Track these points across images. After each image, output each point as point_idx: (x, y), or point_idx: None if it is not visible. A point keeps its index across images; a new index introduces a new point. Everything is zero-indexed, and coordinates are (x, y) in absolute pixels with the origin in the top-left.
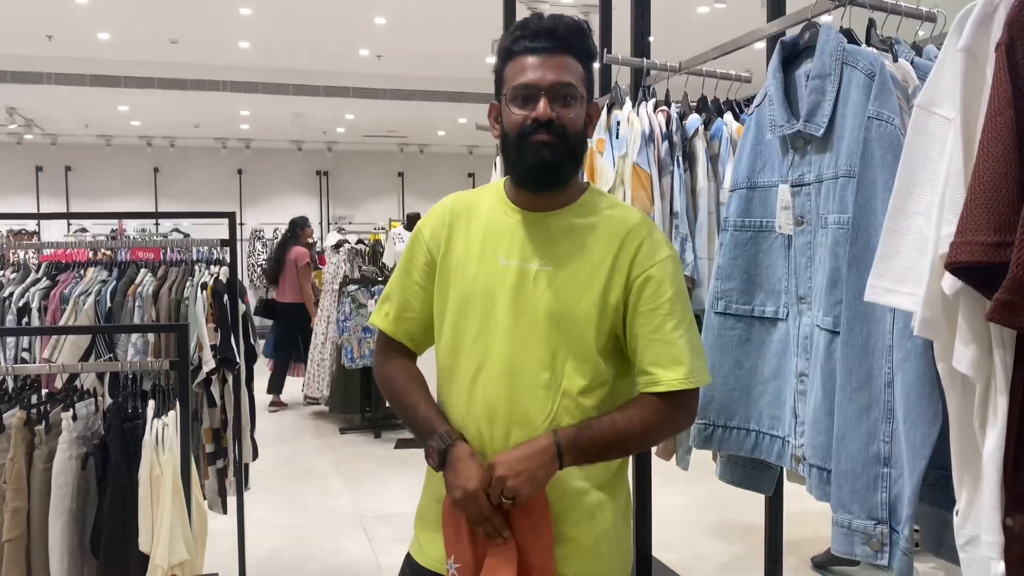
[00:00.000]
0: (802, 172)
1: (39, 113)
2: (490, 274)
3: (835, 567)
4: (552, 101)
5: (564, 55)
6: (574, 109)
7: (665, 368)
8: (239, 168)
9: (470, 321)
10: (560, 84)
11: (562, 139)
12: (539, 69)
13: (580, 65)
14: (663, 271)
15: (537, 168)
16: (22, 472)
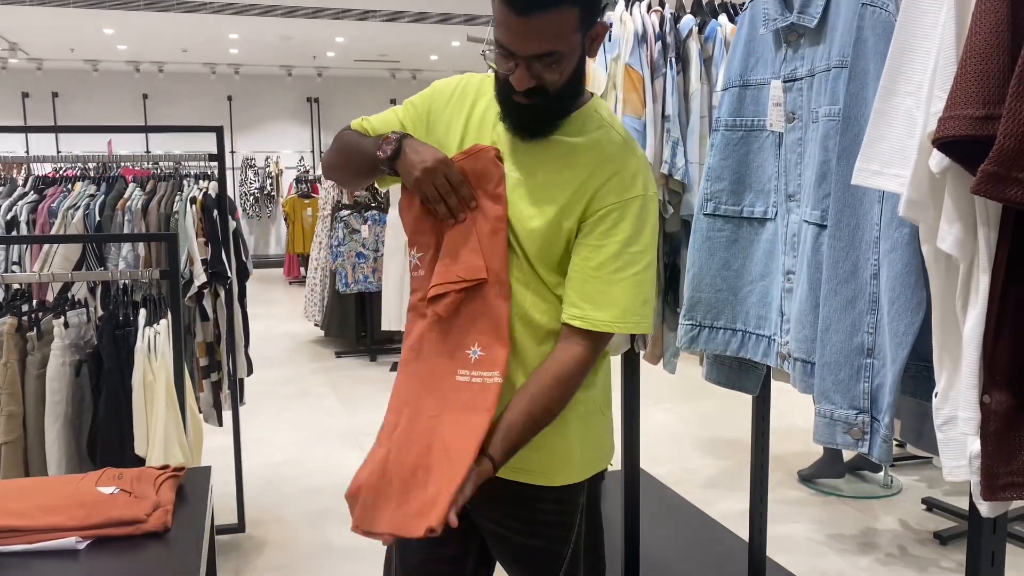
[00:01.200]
0: (795, 67)
1: (24, 36)
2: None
3: (820, 480)
4: (531, 68)
5: (547, 11)
6: (558, 70)
7: (596, 307)
8: (229, 95)
9: None
10: (537, 55)
11: (543, 99)
12: (517, 35)
13: (575, 7)
14: (626, 210)
15: (517, 128)
16: (16, 377)
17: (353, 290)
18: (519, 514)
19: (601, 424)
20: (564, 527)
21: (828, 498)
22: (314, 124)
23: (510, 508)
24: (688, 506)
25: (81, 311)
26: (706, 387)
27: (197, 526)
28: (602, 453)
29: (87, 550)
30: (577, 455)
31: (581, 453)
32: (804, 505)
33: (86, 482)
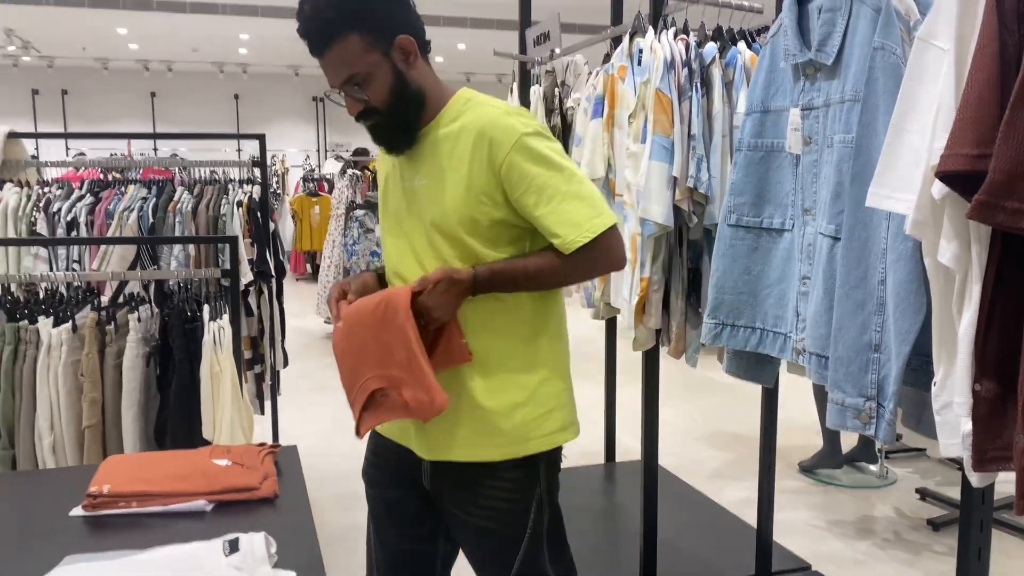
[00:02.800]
0: (812, 97)
1: (37, 34)
2: (397, 195)
3: (819, 470)
4: (350, 93)
5: (331, 46)
6: (371, 86)
7: (565, 230)
8: (236, 93)
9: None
10: (343, 82)
11: (378, 115)
12: (325, 70)
13: (353, 33)
14: (519, 152)
15: (382, 146)
16: (96, 367)
17: None
18: (472, 497)
19: (550, 399)
20: (516, 512)
21: (827, 487)
22: (320, 123)
23: (465, 492)
24: (698, 494)
25: (146, 307)
26: (708, 384)
27: (300, 493)
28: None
29: (213, 511)
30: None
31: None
32: (805, 494)
33: (201, 455)
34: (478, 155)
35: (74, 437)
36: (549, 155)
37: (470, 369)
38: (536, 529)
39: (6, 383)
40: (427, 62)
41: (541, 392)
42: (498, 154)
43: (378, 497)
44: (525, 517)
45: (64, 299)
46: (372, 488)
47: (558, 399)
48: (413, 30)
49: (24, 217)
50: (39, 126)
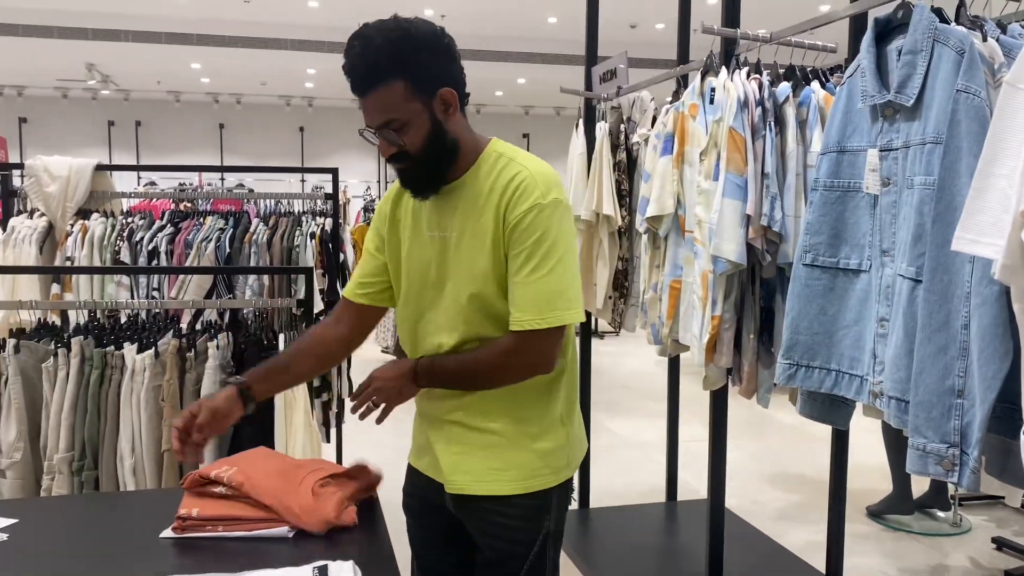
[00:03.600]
0: (890, 138)
1: (115, 69)
2: (422, 244)
3: (889, 515)
4: (385, 136)
5: (376, 89)
6: (408, 132)
7: (519, 309)
8: (301, 126)
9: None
10: (382, 125)
11: (410, 160)
12: (364, 111)
13: (398, 80)
14: (529, 217)
15: (409, 189)
16: (176, 392)
17: None
18: (485, 526)
19: (562, 436)
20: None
21: (897, 533)
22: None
23: (480, 522)
24: (762, 536)
25: (224, 335)
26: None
27: (379, 522)
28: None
29: (295, 538)
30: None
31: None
32: (874, 540)
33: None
34: (498, 212)
35: (154, 460)
36: (555, 232)
37: (485, 403)
38: (540, 559)
39: (92, 406)
40: (464, 114)
41: (555, 425)
42: (512, 211)
43: (415, 526)
44: (530, 548)
45: (144, 326)
46: (410, 518)
47: (570, 433)
48: (456, 83)
49: (109, 246)
50: (113, 156)
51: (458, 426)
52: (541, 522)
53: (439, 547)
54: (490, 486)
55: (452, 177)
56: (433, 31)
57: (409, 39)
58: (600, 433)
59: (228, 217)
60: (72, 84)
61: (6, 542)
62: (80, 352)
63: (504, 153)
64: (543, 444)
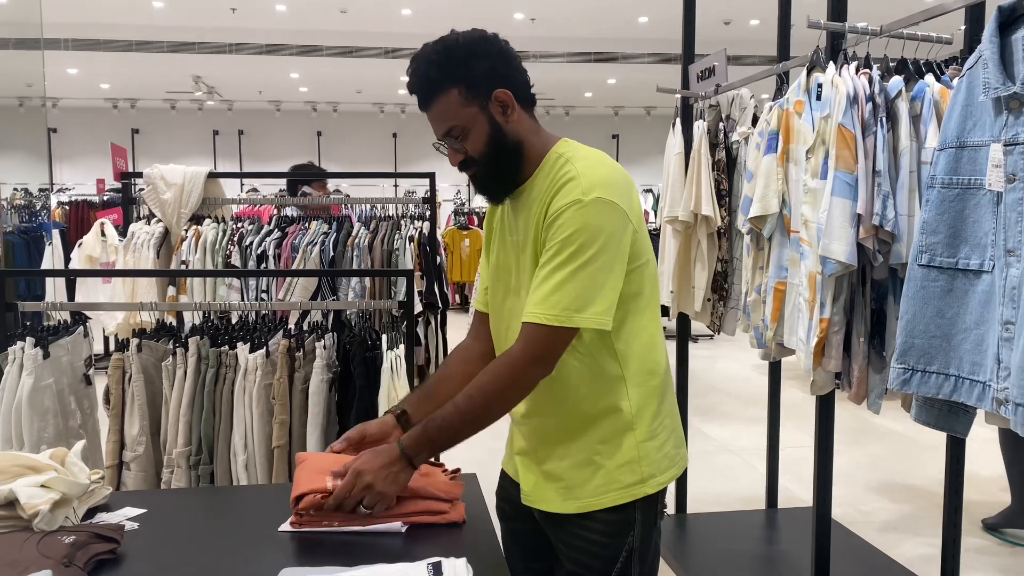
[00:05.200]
0: (1016, 132)
1: (220, 80)
2: (501, 247)
3: (1007, 529)
4: (451, 145)
5: (434, 100)
6: (469, 138)
7: (532, 301)
8: (394, 132)
9: (498, 290)
10: (445, 135)
11: (476, 165)
12: (430, 123)
13: (452, 88)
14: (565, 215)
15: (482, 195)
16: (286, 391)
17: None
18: (566, 538)
19: (634, 444)
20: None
21: (1016, 548)
22: None
23: (561, 533)
24: (870, 548)
25: (330, 335)
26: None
27: (485, 520)
28: (639, 478)
29: (407, 533)
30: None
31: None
32: (990, 554)
33: None
34: (543, 210)
35: (265, 456)
36: (591, 231)
37: (553, 421)
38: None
39: (208, 403)
40: (530, 115)
41: (625, 440)
42: (552, 205)
43: (506, 530)
44: (612, 564)
45: (254, 326)
46: (502, 521)
47: (646, 447)
48: (512, 84)
49: (220, 250)
50: (218, 163)
51: (528, 440)
52: (624, 538)
53: (527, 554)
54: (560, 504)
55: (522, 179)
56: (482, 36)
57: (456, 47)
58: (696, 438)
59: (331, 222)
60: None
61: (138, 531)
62: (197, 351)
63: (564, 153)
64: (613, 460)
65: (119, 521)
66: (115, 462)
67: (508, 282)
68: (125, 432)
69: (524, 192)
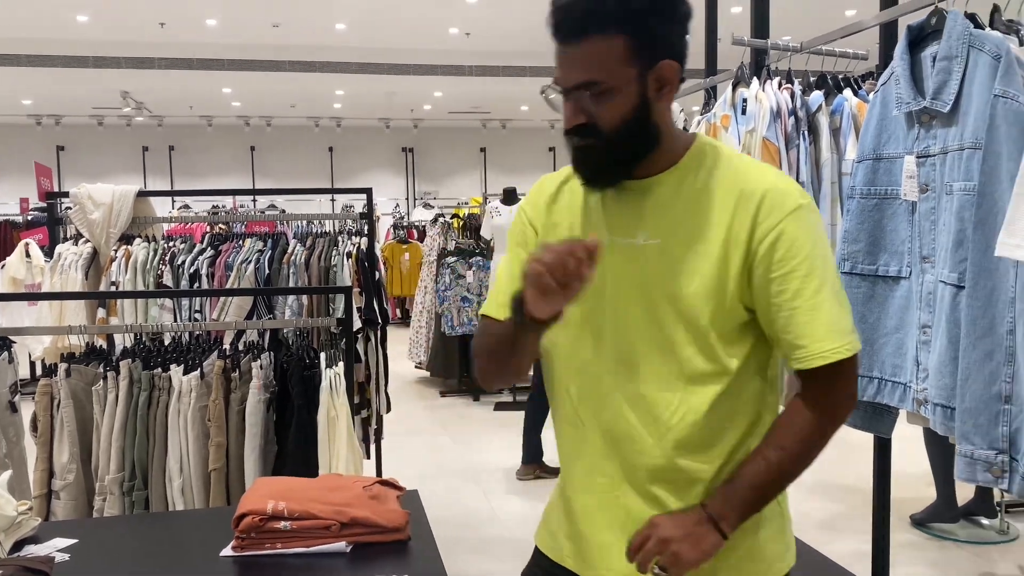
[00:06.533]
0: (927, 144)
1: (149, 96)
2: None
3: (933, 524)
4: (580, 101)
5: (589, 39)
6: (608, 102)
7: (817, 338)
8: (330, 146)
9: (584, 309)
10: (581, 85)
11: (597, 139)
12: (561, 65)
13: (620, 36)
14: (794, 224)
15: (582, 175)
16: (222, 412)
17: (458, 332)
18: None
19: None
20: None
21: (943, 543)
22: (409, 173)
23: None
24: (805, 546)
25: (267, 355)
26: None
27: (428, 537)
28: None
29: (352, 553)
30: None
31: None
32: (919, 549)
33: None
34: (739, 219)
35: (201, 479)
36: (822, 236)
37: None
38: None
39: (141, 428)
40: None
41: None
42: (765, 220)
43: None
44: None
45: (188, 347)
46: None
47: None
48: (681, 60)
49: (152, 270)
50: (148, 181)
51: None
52: None
53: None
54: None
55: (646, 172)
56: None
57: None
58: None
59: (266, 239)
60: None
61: (69, 562)
62: (128, 374)
63: (720, 148)
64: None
65: (49, 553)
66: (44, 491)
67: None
68: (54, 460)
69: (660, 186)
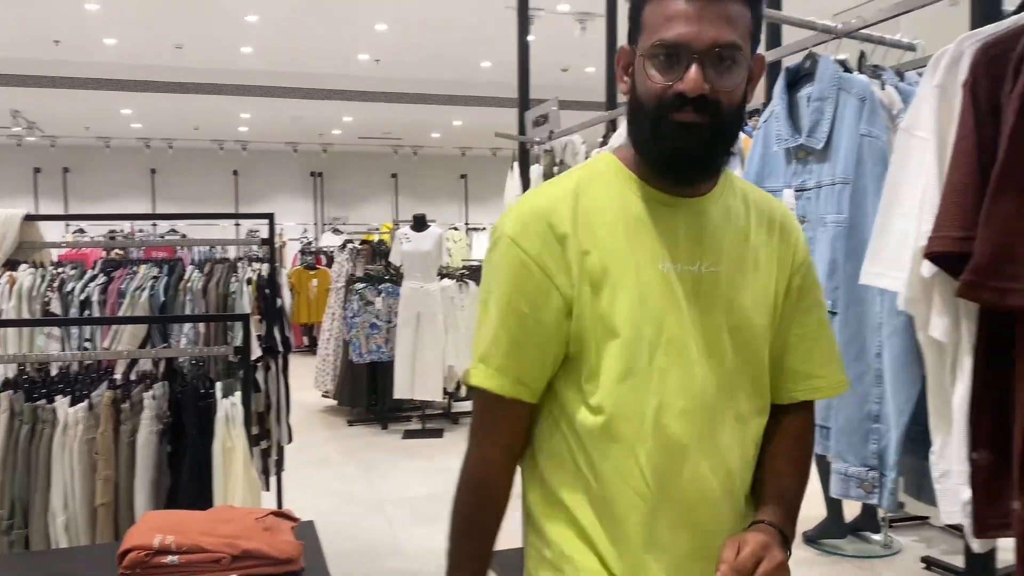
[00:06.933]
0: (804, 179)
1: (42, 116)
2: (657, 284)
3: (823, 540)
4: (707, 67)
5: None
6: (735, 76)
7: (833, 369)
8: (235, 169)
9: (635, 355)
10: (721, 46)
11: (715, 118)
12: (693, 21)
13: (748, 8)
14: (809, 256)
15: (678, 159)
16: (110, 445)
17: (367, 360)
18: None
19: None
20: None
21: (832, 557)
22: (317, 198)
23: None
24: None
25: (160, 385)
26: None
27: (322, 569)
28: None
29: None
30: None
31: None
32: (810, 564)
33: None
34: (777, 246)
35: (87, 515)
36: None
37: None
38: None
39: (23, 462)
40: None
41: None
42: (797, 247)
43: None
44: None
45: (76, 378)
46: None
47: None
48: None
49: (38, 297)
50: (40, 204)
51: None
52: None
53: None
54: None
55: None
56: None
57: None
58: None
59: (162, 265)
60: None
61: None
62: (9, 407)
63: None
64: None
65: None
66: None
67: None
68: None
69: (712, 203)
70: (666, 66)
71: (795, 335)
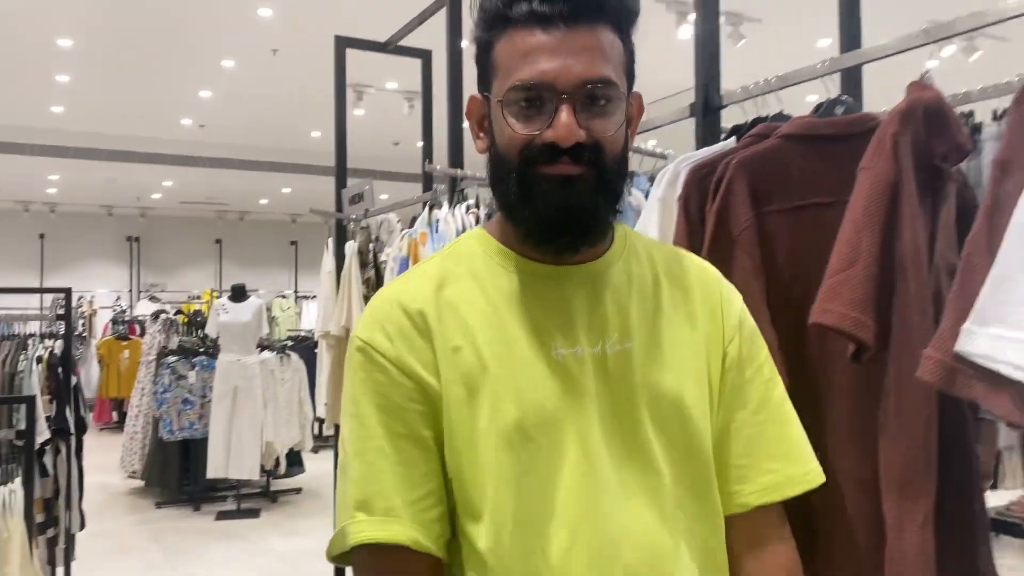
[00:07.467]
0: None
1: None
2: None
3: None
4: (580, 110)
5: (596, 25)
6: (613, 118)
7: (792, 460)
8: (42, 232)
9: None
10: (592, 82)
11: (597, 168)
12: (557, 55)
13: (620, 39)
14: (746, 322)
15: (557, 220)
16: None
17: (178, 437)
18: None
19: None
20: None
21: None
22: (133, 263)
23: None
24: None
25: None
26: None
27: None
28: None
29: None
30: None
31: None
32: None
33: None
34: (700, 311)
35: None
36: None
37: None
38: None
39: None
40: None
41: None
42: (725, 311)
43: None
44: None
45: None
46: None
47: None
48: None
49: None
50: None
51: None
52: None
53: None
54: None
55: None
56: None
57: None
58: None
59: None
60: None
61: None
62: None
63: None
64: None
65: None
66: None
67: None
68: None
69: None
70: (529, 113)
71: (733, 423)
